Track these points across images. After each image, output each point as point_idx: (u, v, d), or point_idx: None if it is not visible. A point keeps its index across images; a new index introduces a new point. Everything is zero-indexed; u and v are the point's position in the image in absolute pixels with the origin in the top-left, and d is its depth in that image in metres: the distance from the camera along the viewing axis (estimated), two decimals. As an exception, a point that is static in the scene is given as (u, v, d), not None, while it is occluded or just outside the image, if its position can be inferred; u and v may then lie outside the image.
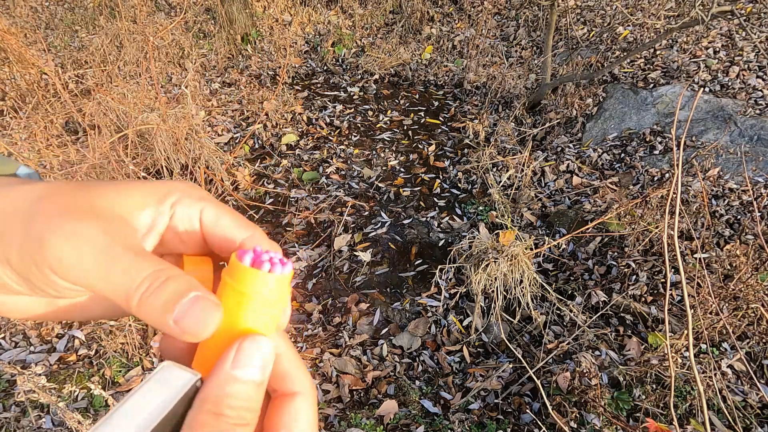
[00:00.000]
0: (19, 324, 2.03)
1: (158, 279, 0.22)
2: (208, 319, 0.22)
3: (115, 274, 0.22)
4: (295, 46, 4.16)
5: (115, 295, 0.23)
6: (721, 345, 1.88)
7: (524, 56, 3.92)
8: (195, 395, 0.22)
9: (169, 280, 0.23)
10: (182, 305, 0.22)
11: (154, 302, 0.22)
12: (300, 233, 2.61)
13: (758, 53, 3.13)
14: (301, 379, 0.26)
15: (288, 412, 0.25)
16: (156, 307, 0.22)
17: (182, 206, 0.27)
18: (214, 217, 0.27)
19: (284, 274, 0.24)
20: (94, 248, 0.23)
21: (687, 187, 2.48)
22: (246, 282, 0.23)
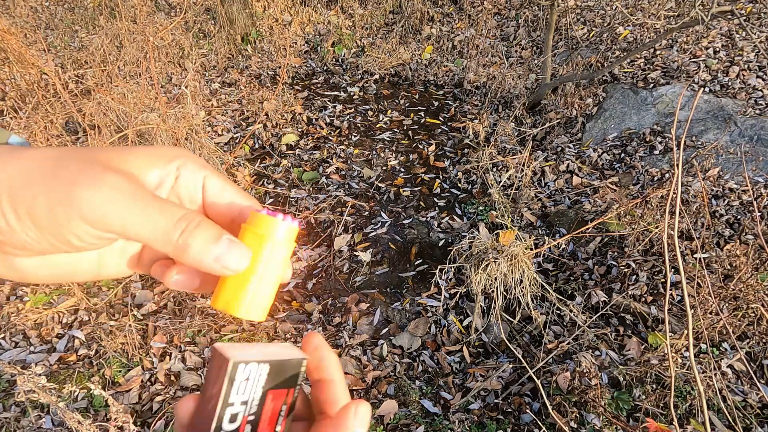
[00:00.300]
0: (19, 324, 2.03)
1: (193, 221, 0.26)
2: (242, 257, 0.27)
3: (151, 215, 0.25)
4: (295, 46, 4.16)
5: (153, 233, 0.25)
6: (721, 345, 1.87)
7: (524, 56, 3.92)
8: (298, 367, 0.29)
9: (202, 223, 0.26)
10: (220, 246, 0.26)
11: (194, 241, 0.26)
12: (300, 233, 2.61)
13: (758, 53, 3.13)
14: (336, 370, 0.31)
15: (330, 395, 0.30)
16: (197, 246, 0.26)
17: (187, 170, 0.29)
18: (219, 186, 0.30)
19: (294, 225, 0.29)
20: (125, 194, 0.24)
21: (687, 187, 2.48)
22: (265, 226, 0.28)
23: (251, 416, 0.27)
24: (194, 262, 0.26)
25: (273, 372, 0.28)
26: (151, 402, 1.82)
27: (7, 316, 2.05)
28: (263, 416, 0.28)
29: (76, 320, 2.08)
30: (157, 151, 0.29)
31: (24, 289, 2.17)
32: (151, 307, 2.15)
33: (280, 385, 0.28)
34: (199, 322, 2.07)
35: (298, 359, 0.29)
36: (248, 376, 0.27)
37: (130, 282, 2.23)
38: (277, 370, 0.28)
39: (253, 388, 0.27)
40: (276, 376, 0.28)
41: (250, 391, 0.27)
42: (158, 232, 0.25)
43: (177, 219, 0.26)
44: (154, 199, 0.26)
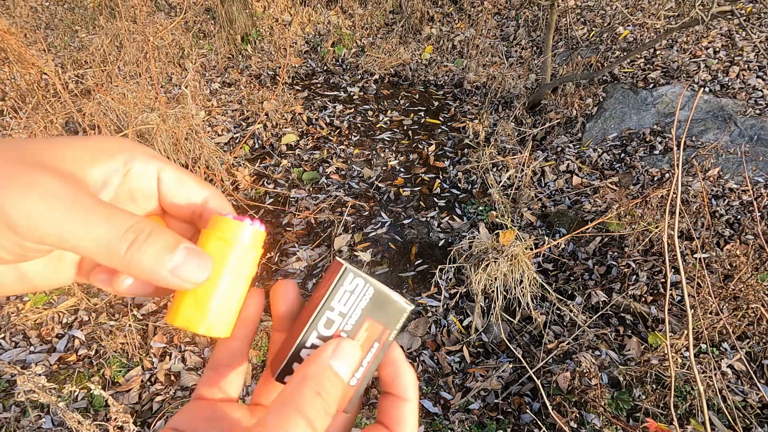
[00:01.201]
0: (19, 324, 2.03)
1: (143, 231, 0.23)
2: (203, 267, 0.24)
3: (94, 224, 0.22)
4: (295, 46, 4.16)
5: (96, 246, 0.22)
6: (721, 345, 1.87)
7: (524, 56, 3.92)
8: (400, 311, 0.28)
9: (154, 232, 0.23)
10: (177, 256, 0.23)
11: (144, 254, 0.23)
12: (300, 233, 2.61)
13: (758, 53, 3.13)
14: (412, 389, 0.29)
15: (400, 412, 0.29)
16: (148, 259, 0.23)
17: (137, 164, 0.26)
18: (175, 177, 0.27)
19: (260, 229, 0.28)
20: (62, 199, 0.21)
21: (687, 187, 2.48)
22: (228, 231, 0.26)
23: (344, 332, 0.28)
24: (147, 277, 0.23)
25: (375, 299, 0.28)
26: (151, 402, 1.82)
27: (7, 316, 2.05)
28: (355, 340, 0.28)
29: (76, 320, 2.08)
30: (99, 145, 0.25)
31: (24, 289, 2.16)
32: (151, 307, 2.15)
33: (379, 318, 0.28)
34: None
35: (402, 305, 0.28)
36: (353, 289, 0.27)
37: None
38: (379, 300, 0.28)
39: (354, 305, 0.28)
40: (377, 305, 0.28)
41: (351, 306, 0.28)
42: (102, 245, 0.22)
43: (124, 229, 0.22)
44: (96, 205, 0.22)
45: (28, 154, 0.22)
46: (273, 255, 2.47)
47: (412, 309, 0.29)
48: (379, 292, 0.28)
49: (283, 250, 2.51)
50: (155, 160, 0.27)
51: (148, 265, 0.23)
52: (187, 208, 0.28)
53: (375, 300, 0.28)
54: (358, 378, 0.28)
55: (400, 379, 0.29)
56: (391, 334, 0.29)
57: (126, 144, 0.26)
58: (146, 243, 0.23)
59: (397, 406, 0.29)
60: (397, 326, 0.29)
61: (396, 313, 0.28)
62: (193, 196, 0.28)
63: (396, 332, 0.29)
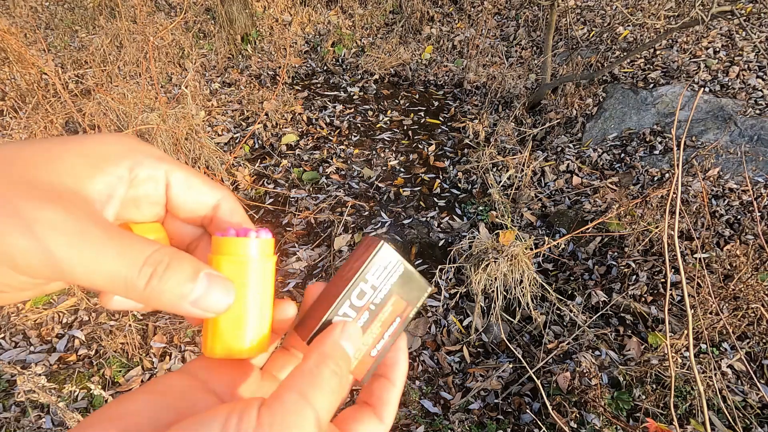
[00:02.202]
0: (19, 324, 2.03)
1: (160, 263, 0.22)
2: (225, 294, 0.24)
3: (107, 259, 0.20)
4: (295, 46, 4.16)
5: (110, 283, 0.21)
6: (721, 345, 1.87)
7: (524, 56, 3.92)
8: (423, 290, 0.30)
9: (173, 263, 0.22)
10: (198, 287, 0.23)
11: (164, 288, 0.22)
12: (300, 233, 2.61)
13: (758, 53, 3.13)
14: (402, 375, 0.30)
15: (388, 396, 0.29)
16: (169, 293, 0.22)
17: (144, 168, 0.24)
18: (185, 181, 0.26)
19: (268, 238, 0.28)
20: (69, 234, 0.20)
21: (687, 187, 2.48)
22: (239, 251, 0.26)
23: (372, 305, 0.29)
24: (169, 310, 0.23)
25: (404, 277, 0.29)
26: (151, 402, 1.82)
27: (7, 316, 2.05)
28: (380, 315, 0.29)
29: (76, 320, 2.08)
30: (100, 149, 0.23)
31: (24, 289, 2.17)
32: (151, 307, 2.15)
33: (403, 295, 0.30)
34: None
35: (425, 285, 0.30)
36: (386, 265, 0.29)
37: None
38: (407, 278, 0.29)
39: (385, 281, 0.29)
40: (404, 282, 0.29)
41: (382, 281, 0.29)
42: (118, 281, 0.21)
43: (141, 263, 0.21)
44: (106, 236, 0.21)
45: (20, 170, 0.20)
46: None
47: (432, 290, 0.30)
48: (408, 270, 0.30)
49: (283, 250, 2.51)
50: (162, 163, 0.25)
51: (169, 299, 0.22)
52: (197, 212, 0.27)
53: (403, 277, 0.29)
54: (378, 350, 0.29)
55: (397, 366, 0.30)
56: (412, 311, 0.30)
57: (129, 145, 0.24)
58: (165, 276, 0.22)
59: (387, 389, 0.29)
60: (418, 304, 0.30)
61: (418, 292, 0.30)
62: (204, 199, 0.27)
63: (416, 310, 0.30)
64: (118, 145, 0.24)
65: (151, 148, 0.26)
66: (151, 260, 0.22)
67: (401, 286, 0.29)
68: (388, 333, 0.29)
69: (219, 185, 0.28)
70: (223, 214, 0.28)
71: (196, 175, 0.27)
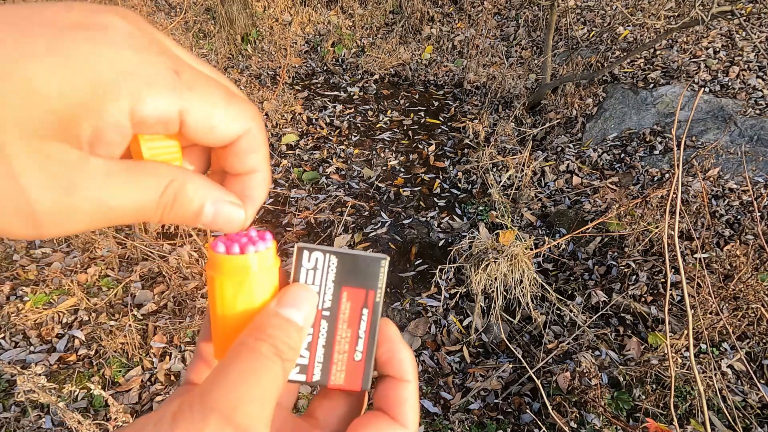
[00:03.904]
0: (19, 324, 2.03)
1: (167, 201, 0.21)
2: (237, 213, 0.23)
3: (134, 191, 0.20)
4: (295, 46, 4.16)
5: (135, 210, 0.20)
6: (721, 345, 1.87)
7: (524, 56, 3.92)
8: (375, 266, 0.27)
9: (180, 196, 0.21)
10: (206, 216, 0.22)
11: (174, 218, 0.22)
12: (300, 233, 2.61)
13: (758, 53, 3.13)
14: (411, 369, 0.27)
15: (399, 395, 0.27)
16: (180, 220, 0.22)
17: (150, 109, 0.19)
18: (205, 119, 0.21)
19: (268, 247, 0.25)
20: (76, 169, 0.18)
21: (687, 187, 2.48)
22: (239, 269, 0.24)
23: (326, 312, 0.27)
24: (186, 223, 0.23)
25: (343, 266, 0.26)
26: (151, 402, 1.82)
27: (7, 316, 2.05)
28: (340, 315, 0.27)
29: (76, 320, 2.08)
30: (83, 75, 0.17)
31: (24, 289, 2.17)
32: (151, 307, 2.15)
33: (356, 283, 0.26)
34: (199, 322, 2.06)
35: (375, 257, 0.26)
36: (315, 265, 0.26)
37: (131, 282, 2.23)
38: (348, 265, 0.26)
39: (323, 280, 0.26)
40: (348, 271, 0.26)
41: (320, 282, 0.26)
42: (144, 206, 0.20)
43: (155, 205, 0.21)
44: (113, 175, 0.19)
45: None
46: (273, 255, 2.47)
47: (387, 259, 0.27)
48: (344, 257, 0.26)
49: (283, 250, 2.51)
50: (175, 98, 0.20)
51: (181, 223, 0.22)
52: (216, 144, 0.23)
53: (343, 267, 0.26)
54: (362, 351, 0.27)
55: (396, 359, 0.27)
56: (376, 295, 0.27)
57: (127, 64, 0.18)
58: (173, 211, 0.21)
59: (395, 387, 0.27)
60: (378, 284, 0.27)
61: (372, 270, 0.27)
62: (226, 135, 0.22)
63: (381, 291, 0.27)
64: (110, 68, 0.18)
65: (158, 64, 0.19)
66: (161, 204, 0.21)
67: (347, 275, 0.26)
68: (362, 330, 0.27)
69: (247, 112, 0.23)
70: (241, 150, 0.24)
71: (220, 105, 0.21)
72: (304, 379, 0.27)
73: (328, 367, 0.27)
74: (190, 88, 0.20)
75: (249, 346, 0.22)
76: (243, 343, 0.22)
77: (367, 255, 0.27)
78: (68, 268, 2.29)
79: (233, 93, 0.22)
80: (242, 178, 0.24)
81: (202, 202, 0.22)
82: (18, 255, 2.34)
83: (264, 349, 0.22)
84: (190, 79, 0.20)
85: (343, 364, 0.27)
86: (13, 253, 2.35)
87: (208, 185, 0.23)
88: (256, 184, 0.25)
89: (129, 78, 0.18)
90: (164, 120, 0.20)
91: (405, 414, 0.26)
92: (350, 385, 0.27)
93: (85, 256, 2.34)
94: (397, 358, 0.27)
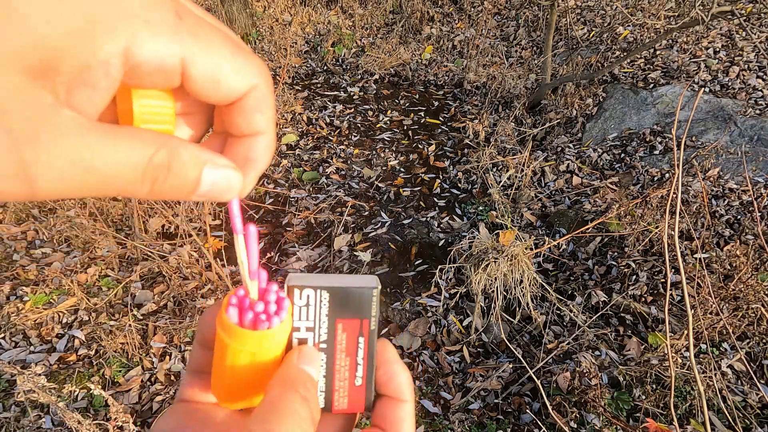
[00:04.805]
0: (19, 324, 2.03)
1: (159, 172, 0.19)
2: (235, 180, 0.21)
3: (115, 152, 0.17)
4: (295, 46, 4.16)
5: (121, 176, 0.18)
6: (721, 345, 1.87)
7: (524, 56, 3.92)
8: (367, 296, 0.27)
9: (173, 164, 0.19)
10: (203, 186, 0.20)
11: (168, 191, 0.19)
12: (300, 233, 2.61)
13: (758, 53, 3.13)
14: (408, 390, 0.28)
15: (396, 414, 0.28)
16: (175, 193, 0.20)
17: (147, 52, 0.17)
18: (210, 72, 0.19)
19: (284, 320, 0.25)
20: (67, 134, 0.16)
21: (687, 187, 2.48)
22: (252, 344, 0.24)
23: (323, 344, 0.27)
24: (178, 197, 0.21)
25: (335, 300, 0.27)
26: (151, 402, 1.82)
27: (7, 316, 2.05)
28: (337, 346, 0.27)
29: (76, 320, 2.08)
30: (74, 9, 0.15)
31: (24, 288, 2.17)
32: (151, 307, 2.15)
33: (349, 314, 0.27)
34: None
35: (366, 287, 0.27)
36: (307, 302, 0.27)
37: (130, 282, 2.23)
38: (339, 298, 0.27)
39: (317, 315, 0.27)
40: (341, 304, 0.27)
41: (314, 317, 0.27)
42: (117, 190, 0.18)
43: (140, 177, 0.18)
44: (104, 131, 0.17)
45: None
46: (273, 255, 2.47)
47: (378, 288, 0.27)
48: (335, 291, 0.27)
49: (283, 250, 2.51)
50: (176, 43, 0.17)
51: (177, 197, 0.20)
52: (220, 102, 0.21)
53: (335, 300, 0.27)
54: (361, 376, 0.28)
55: (394, 381, 0.28)
56: (371, 323, 0.27)
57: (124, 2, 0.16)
58: (166, 184, 0.19)
59: (393, 407, 0.28)
60: (372, 313, 0.27)
61: (364, 301, 0.27)
62: (231, 92, 0.20)
63: (375, 318, 0.27)
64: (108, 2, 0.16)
65: (161, 3, 0.17)
66: (149, 172, 0.18)
67: (340, 308, 0.27)
68: (359, 357, 0.28)
69: (255, 67, 0.21)
70: (247, 109, 0.22)
71: (227, 57, 0.19)
72: None
73: (331, 395, 0.28)
74: (194, 35, 0.18)
75: (286, 399, 0.23)
76: (280, 396, 0.24)
77: (357, 287, 0.27)
78: (68, 267, 2.29)
79: (240, 45, 0.20)
80: (245, 140, 0.22)
81: (200, 168, 0.20)
82: (18, 255, 2.34)
83: (298, 400, 0.24)
84: (195, 25, 0.18)
85: (345, 391, 0.28)
86: (13, 252, 2.35)
87: (202, 150, 0.20)
88: (261, 147, 0.23)
89: (127, 14, 0.16)
90: (164, 68, 0.18)
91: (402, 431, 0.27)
92: (353, 408, 0.28)
93: (85, 255, 2.34)
94: (395, 380, 0.28)
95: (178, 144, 0.19)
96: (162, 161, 0.19)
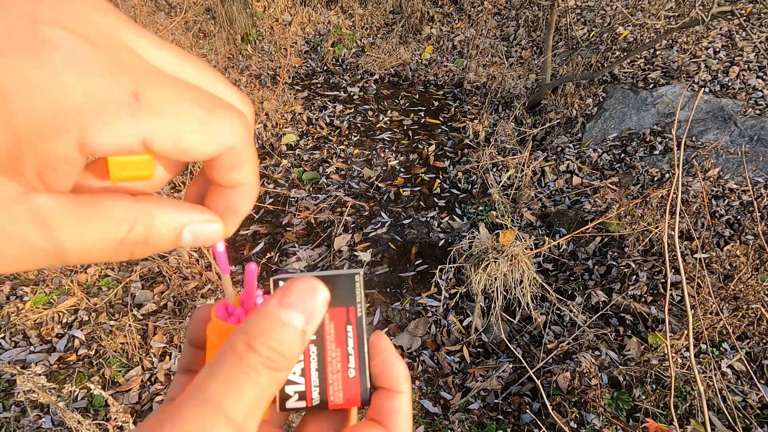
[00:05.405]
0: (19, 323, 2.03)
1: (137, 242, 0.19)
2: (214, 232, 0.22)
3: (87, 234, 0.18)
4: (295, 46, 4.16)
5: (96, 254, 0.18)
6: (721, 345, 1.87)
7: (524, 56, 3.92)
8: (350, 282, 0.27)
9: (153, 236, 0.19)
10: (185, 241, 0.21)
11: (150, 252, 0.20)
12: (300, 233, 2.61)
13: (758, 53, 3.13)
14: (404, 381, 0.27)
15: (392, 405, 0.27)
16: (158, 250, 0.20)
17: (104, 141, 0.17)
18: (175, 143, 0.18)
19: None
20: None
21: (687, 187, 2.48)
22: None
23: (312, 336, 0.26)
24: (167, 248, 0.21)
25: None
26: (151, 402, 1.82)
27: (7, 316, 2.05)
28: (326, 336, 0.27)
29: (76, 320, 2.08)
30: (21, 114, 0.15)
31: (24, 289, 2.17)
32: (151, 307, 2.15)
33: (334, 303, 0.26)
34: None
35: (347, 274, 0.27)
36: None
37: (130, 282, 2.23)
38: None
39: None
40: None
41: None
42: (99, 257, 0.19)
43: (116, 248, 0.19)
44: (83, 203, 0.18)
45: None
46: (273, 255, 2.47)
47: (361, 273, 0.27)
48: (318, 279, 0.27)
49: (283, 250, 2.51)
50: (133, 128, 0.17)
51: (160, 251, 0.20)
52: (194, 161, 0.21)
53: None
54: (354, 367, 0.27)
55: (389, 371, 0.27)
56: (357, 310, 0.27)
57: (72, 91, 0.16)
58: (148, 249, 0.20)
59: (389, 398, 0.27)
60: (357, 299, 0.27)
61: (348, 287, 0.27)
62: (201, 158, 0.20)
63: (361, 305, 0.27)
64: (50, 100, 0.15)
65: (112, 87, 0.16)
66: (126, 248, 0.19)
67: None
68: (350, 347, 0.27)
69: (229, 128, 0.20)
70: (222, 167, 0.21)
71: (193, 127, 0.18)
72: (305, 405, 0.27)
73: (325, 389, 0.27)
74: (154, 112, 0.17)
75: (238, 353, 0.20)
76: (232, 347, 0.21)
77: (339, 273, 0.26)
78: (68, 267, 2.29)
79: (214, 105, 0.19)
80: (226, 189, 0.22)
81: (177, 231, 0.20)
82: (18, 255, 2.34)
83: (253, 361, 0.20)
84: (155, 99, 0.17)
85: (339, 384, 0.27)
86: (13, 253, 2.35)
87: (178, 212, 0.20)
88: (241, 198, 0.22)
89: (77, 109, 0.16)
90: (124, 149, 0.17)
91: (398, 424, 0.26)
92: (350, 403, 0.27)
93: (85, 256, 2.33)
94: (390, 370, 0.27)
95: (152, 212, 0.19)
96: (137, 238, 0.19)
